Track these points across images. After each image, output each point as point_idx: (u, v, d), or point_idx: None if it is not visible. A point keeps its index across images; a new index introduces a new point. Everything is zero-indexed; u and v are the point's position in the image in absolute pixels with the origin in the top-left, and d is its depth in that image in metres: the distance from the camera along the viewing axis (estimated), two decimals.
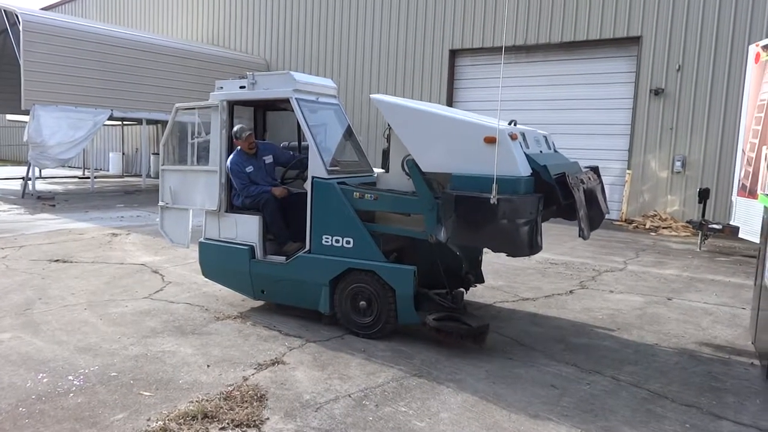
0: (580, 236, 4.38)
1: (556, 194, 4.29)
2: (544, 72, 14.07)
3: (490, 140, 4.19)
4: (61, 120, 14.37)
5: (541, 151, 4.80)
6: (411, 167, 4.57)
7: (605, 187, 5.66)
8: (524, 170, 4.23)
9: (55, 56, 14.26)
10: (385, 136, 4.95)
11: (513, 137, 4.29)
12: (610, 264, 8.34)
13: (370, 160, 5.94)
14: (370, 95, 4.94)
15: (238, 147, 5.57)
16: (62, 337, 4.79)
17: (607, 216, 5.05)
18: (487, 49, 14.75)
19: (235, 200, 5.57)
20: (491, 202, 3.99)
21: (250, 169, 5.51)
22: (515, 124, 4.80)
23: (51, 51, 14.19)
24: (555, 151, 5.33)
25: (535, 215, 4.11)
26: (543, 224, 4.38)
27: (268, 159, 5.74)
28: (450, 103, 15.52)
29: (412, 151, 4.56)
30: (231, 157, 5.52)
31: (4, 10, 14.42)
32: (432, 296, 4.79)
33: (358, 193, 4.84)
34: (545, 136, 5.21)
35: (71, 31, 14.92)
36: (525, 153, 4.37)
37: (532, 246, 4.14)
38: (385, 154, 5.08)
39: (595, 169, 5.34)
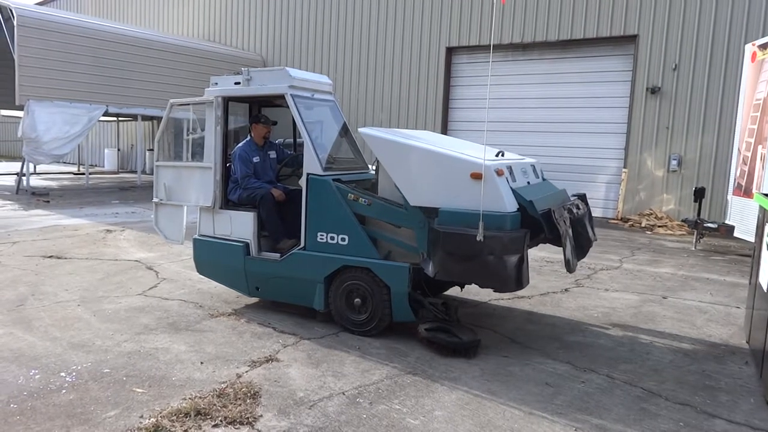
0: (566, 269, 4.42)
1: (543, 228, 4.33)
2: (541, 70, 14.06)
3: (477, 176, 4.22)
4: (55, 115, 14.29)
5: (528, 182, 4.83)
6: None
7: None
8: (510, 206, 4.26)
9: (49, 51, 14.17)
10: (374, 169, 4.95)
11: (499, 173, 4.31)
12: (606, 262, 8.34)
13: (366, 157, 5.92)
14: (358, 129, 4.94)
15: (249, 136, 5.71)
16: (55, 333, 4.77)
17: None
18: (483, 46, 14.73)
19: (231, 195, 5.55)
20: (478, 239, 4.02)
21: (256, 159, 5.60)
22: (502, 155, 4.82)
23: (45, 46, 14.09)
24: (543, 179, 5.37)
25: (521, 251, 4.13)
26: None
27: (272, 154, 5.85)
28: (446, 100, 15.52)
29: (399, 185, 4.58)
30: (240, 144, 5.65)
31: None
32: (426, 305, 4.77)
33: (353, 195, 4.83)
34: (533, 165, 5.25)
35: (66, 26, 14.83)
36: (511, 188, 4.40)
37: (519, 281, 4.18)
38: (374, 186, 5.09)
39: (582, 197, 5.37)
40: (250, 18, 19.80)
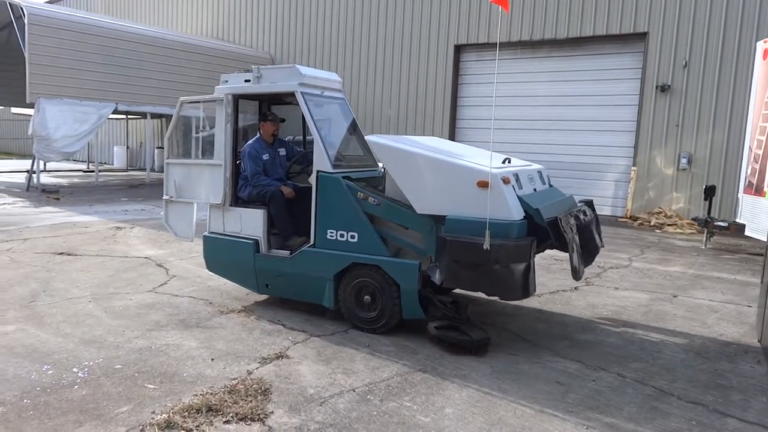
0: (572, 276, 4.43)
1: (550, 235, 4.33)
2: (550, 68, 14.01)
3: (483, 184, 4.22)
4: (66, 113, 14.39)
5: (535, 189, 4.82)
6: None
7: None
8: (517, 214, 4.26)
9: (60, 50, 14.26)
10: (381, 175, 4.95)
11: (506, 181, 4.32)
12: (615, 261, 8.31)
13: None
14: (366, 137, 4.92)
15: (258, 134, 5.73)
16: (67, 329, 4.80)
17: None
18: (492, 44, 14.68)
19: (240, 192, 5.56)
20: (484, 247, 4.01)
21: (266, 156, 5.62)
22: (509, 162, 4.80)
23: (56, 44, 14.19)
24: (550, 185, 5.36)
25: (528, 260, 4.13)
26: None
27: (282, 152, 5.86)
28: (455, 98, 15.49)
29: (406, 193, 4.58)
30: (249, 142, 5.67)
31: (9, 4, 14.41)
32: (436, 303, 4.77)
33: (362, 194, 4.83)
34: (539, 171, 5.24)
35: (76, 25, 14.92)
36: (518, 195, 4.39)
37: (526, 290, 4.19)
38: (382, 190, 5.08)
39: (589, 203, 5.36)
40: (259, 16, 19.84)
